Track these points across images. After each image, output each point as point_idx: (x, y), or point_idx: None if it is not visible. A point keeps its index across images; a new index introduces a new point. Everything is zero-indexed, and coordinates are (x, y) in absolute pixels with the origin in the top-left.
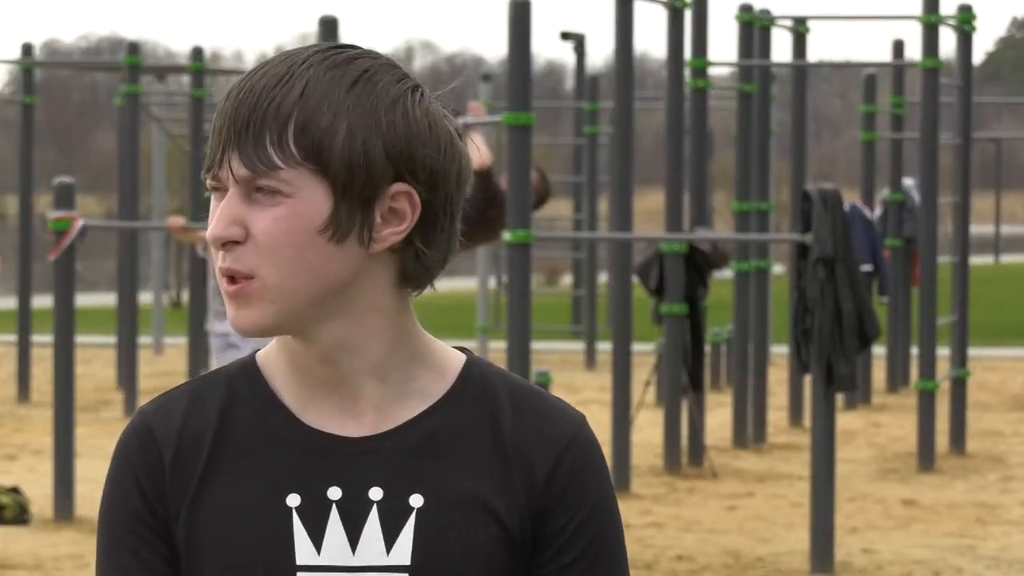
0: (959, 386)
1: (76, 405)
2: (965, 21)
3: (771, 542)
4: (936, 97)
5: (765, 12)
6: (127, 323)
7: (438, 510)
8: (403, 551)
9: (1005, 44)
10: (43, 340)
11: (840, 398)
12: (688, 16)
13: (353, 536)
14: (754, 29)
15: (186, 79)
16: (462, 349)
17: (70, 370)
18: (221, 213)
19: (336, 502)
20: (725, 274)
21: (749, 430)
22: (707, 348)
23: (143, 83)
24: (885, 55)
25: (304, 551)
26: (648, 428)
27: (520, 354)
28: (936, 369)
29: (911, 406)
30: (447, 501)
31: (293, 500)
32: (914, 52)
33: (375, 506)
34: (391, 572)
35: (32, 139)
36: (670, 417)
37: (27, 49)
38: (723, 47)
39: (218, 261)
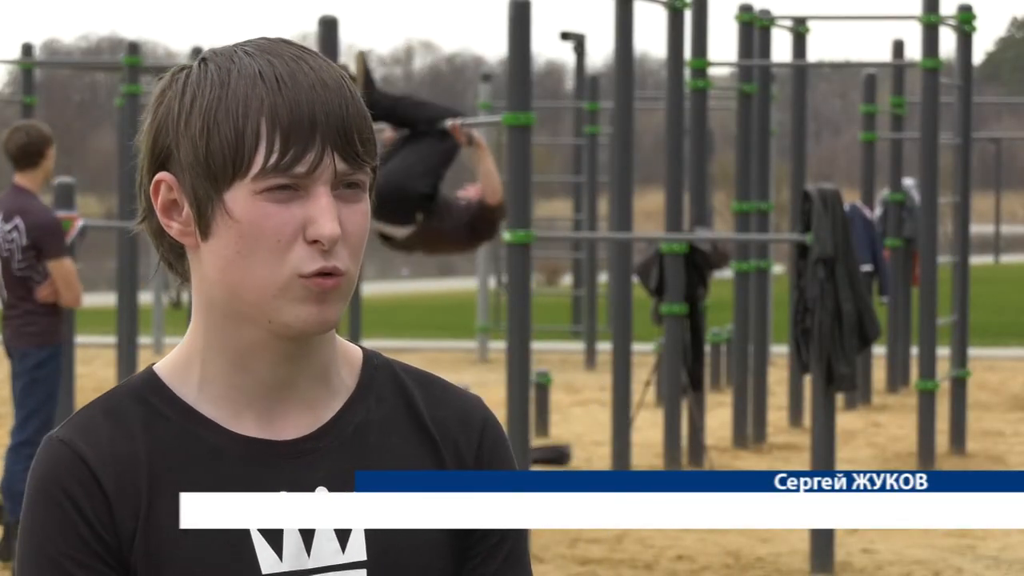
0: (959, 386)
1: (76, 405)
2: (965, 21)
3: (771, 542)
4: (936, 97)
5: (765, 12)
6: (127, 323)
7: None
8: (357, 548)
9: (1005, 44)
10: None
11: (840, 398)
12: (688, 16)
13: (307, 538)
14: (754, 29)
15: None
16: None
17: (70, 370)
18: (331, 212)
19: None
20: (725, 274)
21: (749, 430)
22: (707, 348)
23: (143, 83)
24: (885, 55)
25: (267, 559)
26: (648, 428)
27: (520, 354)
28: (936, 369)
29: (911, 406)
30: None
31: None
32: (914, 52)
33: None
34: (349, 570)
35: None
36: (670, 417)
37: (27, 49)
38: (723, 47)
39: (317, 261)
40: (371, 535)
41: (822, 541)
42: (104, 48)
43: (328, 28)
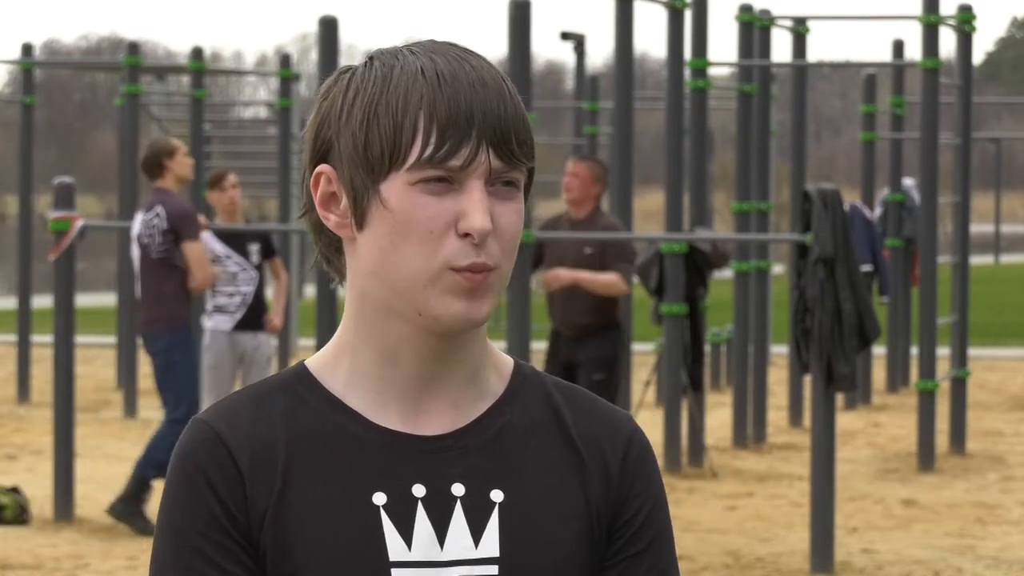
0: (959, 386)
1: (76, 405)
2: (965, 21)
3: (771, 542)
4: (936, 97)
5: (765, 12)
6: (127, 323)
7: (519, 505)
8: (491, 544)
9: (1005, 44)
10: (43, 340)
11: (840, 398)
12: (688, 16)
13: (440, 531)
14: (754, 29)
15: (186, 79)
16: None
17: (70, 370)
18: (482, 206)
19: (421, 499)
20: (725, 274)
21: (749, 430)
22: (707, 348)
23: (143, 83)
24: (885, 55)
25: (396, 547)
26: (648, 428)
27: (520, 354)
28: (936, 369)
29: (911, 406)
30: (527, 497)
31: (379, 498)
32: (914, 52)
33: (459, 502)
34: (481, 564)
35: (32, 139)
36: (670, 417)
37: (27, 49)
38: (723, 47)
39: (469, 255)
40: (504, 533)
41: (822, 541)
42: (104, 48)
43: (328, 28)
